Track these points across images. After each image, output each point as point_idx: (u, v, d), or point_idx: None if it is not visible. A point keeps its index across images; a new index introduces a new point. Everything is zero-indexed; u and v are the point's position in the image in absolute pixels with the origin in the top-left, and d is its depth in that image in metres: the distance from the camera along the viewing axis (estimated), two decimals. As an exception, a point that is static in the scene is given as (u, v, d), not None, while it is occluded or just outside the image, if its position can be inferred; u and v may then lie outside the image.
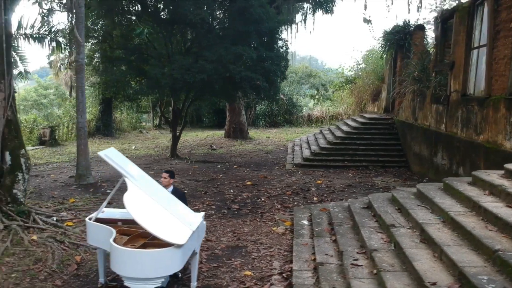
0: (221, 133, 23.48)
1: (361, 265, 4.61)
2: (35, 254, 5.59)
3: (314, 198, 9.07)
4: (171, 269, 4.01)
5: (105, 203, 4.94)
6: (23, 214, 6.49)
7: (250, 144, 18.76)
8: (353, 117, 16.80)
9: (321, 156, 13.14)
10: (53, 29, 14.50)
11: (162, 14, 12.50)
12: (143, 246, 4.26)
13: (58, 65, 32.23)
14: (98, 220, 4.76)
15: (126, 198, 4.10)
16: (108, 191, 9.40)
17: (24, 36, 14.36)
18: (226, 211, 8.16)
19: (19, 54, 15.19)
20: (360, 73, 20.77)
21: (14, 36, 14.28)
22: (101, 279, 4.98)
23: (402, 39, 14.07)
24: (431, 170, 10.43)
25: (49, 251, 5.68)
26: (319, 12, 19.11)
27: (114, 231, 4.27)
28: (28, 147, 18.74)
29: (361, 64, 22.17)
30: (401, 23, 15.15)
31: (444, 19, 10.09)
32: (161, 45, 13.45)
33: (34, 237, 6.01)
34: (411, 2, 15.02)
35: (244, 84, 12.02)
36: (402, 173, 11.93)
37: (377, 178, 11.29)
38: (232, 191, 9.85)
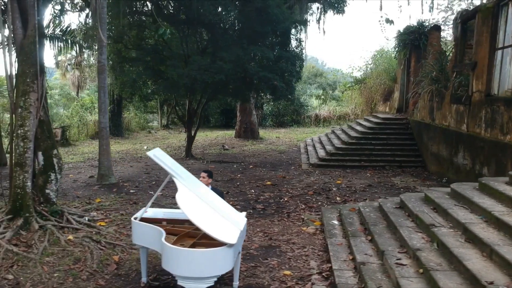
0: (230, 133, 23.51)
1: (406, 265, 4.63)
2: (73, 254, 5.61)
3: (337, 198, 9.10)
4: (224, 268, 4.04)
5: (149, 203, 4.95)
6: (56, 214, 6.53)
7: (261, 144, 18.78)
8: (366, 117, 16.81)
9: (337, 156, 13.16)
10: (68, 30, 14.61)
11: (180, 15, 12.49)
12: (192, 246, 4.28)
13: (65, 65, 32.31)
14: (142, 219, 4.78)
15: (179, 198, 4.12)
16: (131, 191, 9.44)
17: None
18: (251, 211, 8.18)
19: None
20: (370, 73, 20.77)
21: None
22: (144, 279, 5.00)
23: (416, 39, 14.09)
24: (450, 170, 10.45)
25: (87, 251, 5.71)
26: (329, 13, 19.14)
27: (163, 231, 4.29)
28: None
29: (370, 64, 22.21)
30: (413, 24, 15.23)
31: (464, 20, 10.11)
32: (177, 45, 13.48)
33: (70, 237, 6.04)
34: (426, 2, 14.97)
35: (262, 84, 12.04)
36: (419, 173, 11.95)
37: (396, 178, 11.31)
38: (253, 191, 9.88)
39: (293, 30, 14.05)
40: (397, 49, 15.32)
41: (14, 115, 6.59)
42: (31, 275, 5.06)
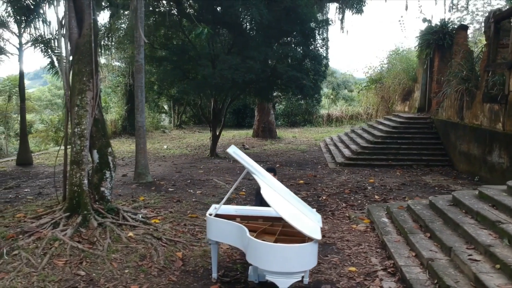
0: (244, 132, 23.58)
1: (479, 260, 4.69)
2: (138, 251, 5.67)
3: (376, 197, 9.16)
4: (311, 264, 4.10)
5: (224, 200, 5.01)
6: (112, 212, 6.59)
7: (280, 143, 18.84)
8: (387, 117, 16.87)
9: (364, 155, 13.21)
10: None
11: (208, 15, 12.55)
12: (274, 242, 4.33)
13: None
14: (217, 216, 4.84)
15: (266, 196, 4.18)
16: (170, 189, 9.49)
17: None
18: (294, 209, 8.22)
19: (56, 54, 15.29)
20: (386, 73, 20.81)
21: (55, 37, 14.43)
22: (214, 275, 5.06)
23: (441, 39, 14.14)
24: (483, 169, 10.49)
25: (151, 247, 5.76)
26: (348, 12, 19.19)
27: (245, 228, 4.34)
28: (61, 147, 18.87)
29: (385, 63, 22.25)
30: (435, 23, 15.29)
31: (498, 20, 10.16)
32: (202, 45, 13.53)
33: (131, 234, 6.10)
34: (451, 2, 15.03)
35: (291, 83, 12.10)
36: (448, 171, 12.00)
37: (426, 177, 11.36)
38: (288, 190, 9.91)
39: (323, 30, 14.03)
40: (419, 48, 15.34)
41: (70, 114, 6.64)
42: (102, 271, 5.12)
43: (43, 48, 14.64)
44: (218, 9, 12.69)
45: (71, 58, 6.66)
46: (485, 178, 10.34)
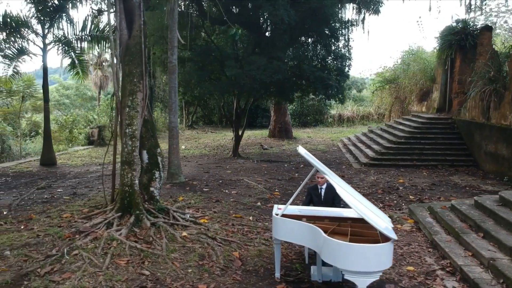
0: (259, 132, 23.64)
1: (546, 260, 4.74)
2: (195, 250, 5.71)
3: (411, 197, 9.20)
4: (388, 263, 4.14)
5: (290, 201, 5.07)
6: (162, 212, 6.63)
7: (298, 143, 18.87)
8: (406, 117, 16.92)
9: (388, 155, 13.26)
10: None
11: (232, 16, 12.59)
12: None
13: (87, 66, 32.43)
14: (283, 216, 4.88)
15: (344, 195, 4.23)
16: (204, 189, 9.54)
17: (86, 36, 14.54)
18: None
19: (78, 54, 15.35)
20: (401, 73, 20.85)
21: (78, 37, 14.49)
22: (277, 274, 5.11)
23: (463, 39, 14.19)
24: (512, 169, 10.54)
25: (208, 247, 5.80)
26: (365, 13, 19.18)
27: (319, 229, 4.39)
28: (79, 147, 18.93)
29: (399, 64, 22.29)
30: (453, 24, 15.35)
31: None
32: (226, 45, 13.59)
33: (185, 233, 6.14)
34: (469, 3, 15.05)
35: (317, 83, 12.15)
36: (474, 172, 12.04)
37: (453, 177, 11.41)
38: (321, 189, 9.96)
39: (348, 30, 14.10)
40: (440, 49, 15.38)
41: (120, 114, 6.68)
42: (166, 271, 5.16)
43: (65, 48, 14.74)
44: (235, 10, 12.77)
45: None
46: (515, 179, 10.39)
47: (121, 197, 6.48)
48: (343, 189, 4.43)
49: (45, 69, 14.16)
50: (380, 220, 4.27)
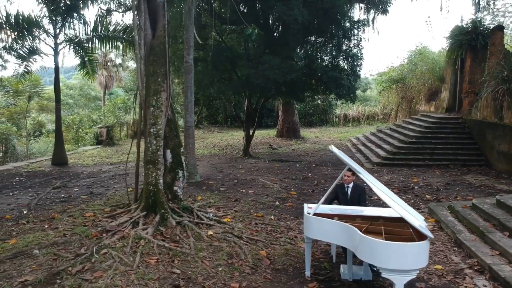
0: (265, 132, 23.65)
1: None
2: (223, 249, 5.73)
3: (427, 196, 9.23)
4: (425, 261, 4.16)
5: (322, 200, 5.09)
6: (186, 211, 6.66)
7: (306, 143, 18.92)
8: (415, 117, 16.94)
9: (400, 155, 13.29)
10: (128, 29, 14.73)
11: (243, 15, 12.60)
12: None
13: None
14: (315, 215, 4.91)
15: (381, 195, 4.25)
16: (221, 189, 9.56)
17: (98, 36, 14.56)
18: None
19: (88, 54, 15.37)
20: (408, 73, 20.87)
21: (89, 37, 14.51)
22: (308, 273, 5.14)
23: (473, 39, 14.20)
24: (527, 169, 10.56)
25: (235, 246, 5.82)
26: (373, 13, 19.21)
27: (354, 227, 4.41)
28: (88, 147, 18.96)
29: (405, 64, 22.31)
30: (463, 24, 15.37)
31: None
32: (237, 45, 13.60)
33: (211, 232, 6.17)
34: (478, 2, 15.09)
35: (330, 83, 12.18)
36: (486, 171, 12.06)
37: (467, 176, 11.43)
38: (336, 189, 9.99)
39: (360, 30, 14.13)
40: (450, 48, 15.39)
41: (145, 114, 6.70)
42: (196, 269, 5.18)
43: (76, 48, 14.76)
44: (245, 10, 12.78)
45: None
46: (529, 178, 10.41)
47: (146, 196, 6.50)
48: (379, 189, 4.45)
49: (56, 69, 14.19)
50: (416, 219, 4.29)
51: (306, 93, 14.48)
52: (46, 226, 6.73)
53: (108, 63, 31.36)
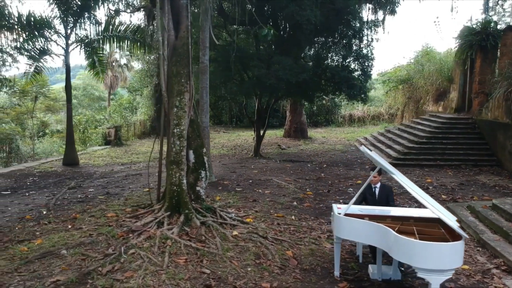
0: (272, 132, 23.65)
1: None
2: (250, 249, 5.76)
3: (443, 196, 9.25)
4: (460, 261, 4.18)
5: (353, 200, 5.12)
6: (209, 211, 6.68)
7: (314, 143, 18.94)
8: (423, 117, 16.96)
9: (411, 155, 13.31)
10: (138, 29, 14.75)
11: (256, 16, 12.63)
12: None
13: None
14: (345, 215, 4.93)
15: (417, 195, 4.28)
16: (237, 189, 9.58)
17: (109, 37, 14.57)
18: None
19: (98, 55, 15.39)
20: (416, 73, 20.88)
21: (100, 37, 14.52)
22: (337, 273, 5.16)
23: (484, 39, 14.22)
24: (540, 169, 10.58)
25: (261, 246, 5.85)
26: (381, 13, 19.23)
27: (389, 228, 4.44)
28: (97, 147, 18.98)
29: (412, 64, 22.33)
30: (472, 25, 15.40)
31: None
32: (249, 46, 13.63)
33: (235, 232, 6.19)
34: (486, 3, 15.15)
35: (342, 83, 12.20)
36: (498, 171, 12.08)
37: (479, 176, 11.45)
38: (351, 189, 10.02)
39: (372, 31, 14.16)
40: (460, 49, 15.41)
41: (168, 114, 6.73)
42: (226, 269, 5.20)
43: (87, 48, 14.77)
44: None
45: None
46: (543, 178, 10.43)
47: (170, 196, 6.53)
48: (414, 191, 4.48)
49: (67, 70, 14.22)
50: (451, 220, 4.32)
51: (317, 94, 14.50)
52: (70, 227, 6.76)
53: (113, 63, 31.37)
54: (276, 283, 4.93)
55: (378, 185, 5.80)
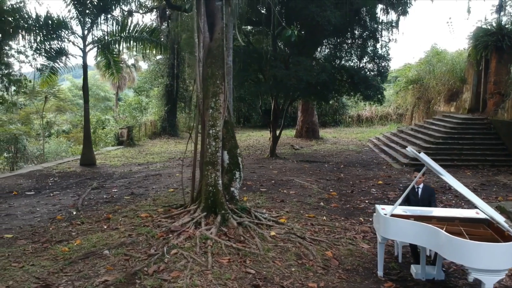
0: (282, 132, 23.67)
1: None
2: (290, 250, 5.80)
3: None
4: (512, 262, 4.24)
5: (399, 201, 5.17)
6: (244, 211, 6.73)
7: (327, 143, 18.99)
8: (436, 117, 17.00)
9: (428, 155, 13.29)
10: (155, 30, 14.81)
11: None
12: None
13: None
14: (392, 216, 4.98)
15: (470, 197, 4.32)
16: (262, 189, 9.62)
17: (126, 38, 14.61)
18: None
19: (114, 56, 15.43)
20: (427, 73, 20.93)
21: (115, 38, 14.56)
22: (380, 273, 5.20)
23: (499, 40, 14.27)
24: (561, 169, 10.63)
25: (300, 246, 5.89)
26: (392, 14, 19.27)
27: (439, 229, 4.48)
28: (110, 147, 19.03)
29: (423, 64, 22.38)
30: (486, 26, 15.44)
31: None
32: (266, 47, 13.67)
33: (273, 233, 6.24)
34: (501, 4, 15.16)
35: (361, 84, 12.25)
36: (517, 172, 12.15)
37: (499, 177, 11.51)
38: (374, 190, 10.07)
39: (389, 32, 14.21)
40: (474, 49, 15.45)
41: (202, 116, 6.77)
42: (270, 269, 5.24)
43: (103, 49, 14.81)
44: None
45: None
46: None
47: (205, 197, 6.57)
48: (465, 190, 4.53)
49: (85, 70, 14.28)
50: (502, 221, 4.37)
51: (336, 94, 14.53)
52: (105, 227, 6.80)
53: (121, 64, 31.38)
54: (323, 283, 4.97)
55: (421, 185, 5.86)
